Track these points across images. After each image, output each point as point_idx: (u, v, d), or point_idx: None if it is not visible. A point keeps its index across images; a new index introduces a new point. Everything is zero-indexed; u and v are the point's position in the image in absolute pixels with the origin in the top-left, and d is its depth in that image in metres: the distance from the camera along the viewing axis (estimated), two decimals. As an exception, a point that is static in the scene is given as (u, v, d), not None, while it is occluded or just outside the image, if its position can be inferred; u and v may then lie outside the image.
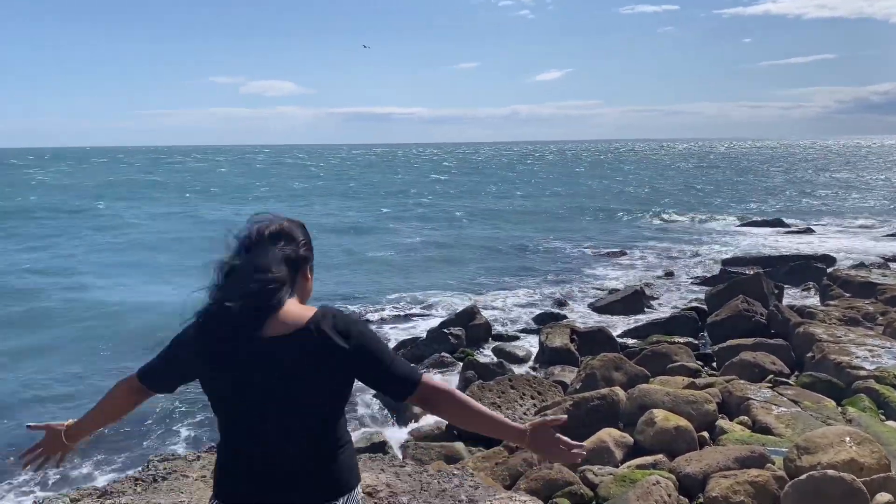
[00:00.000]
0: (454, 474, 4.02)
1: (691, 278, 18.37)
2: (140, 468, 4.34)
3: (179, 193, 47.60)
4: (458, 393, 2.02)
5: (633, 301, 14.72)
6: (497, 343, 12.53)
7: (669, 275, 18.96)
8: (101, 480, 7.53)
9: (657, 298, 15.82)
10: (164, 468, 4.17)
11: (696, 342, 11.54)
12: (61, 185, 57.04)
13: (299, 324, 1.86)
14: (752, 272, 15.24)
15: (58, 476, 7.76)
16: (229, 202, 41.47)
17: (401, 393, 1.97)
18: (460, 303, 15.29)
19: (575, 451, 2.00)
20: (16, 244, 24.84)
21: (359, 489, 2.02)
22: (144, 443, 8.80)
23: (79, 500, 3.95)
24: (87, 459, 8.25)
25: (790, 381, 8.42)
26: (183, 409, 9.67)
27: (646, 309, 14.70)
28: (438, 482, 4.02)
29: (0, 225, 29.64)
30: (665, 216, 33.33)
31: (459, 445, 7.39)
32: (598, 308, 14.92)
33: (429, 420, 8.58)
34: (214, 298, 1.90)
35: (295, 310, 1.91)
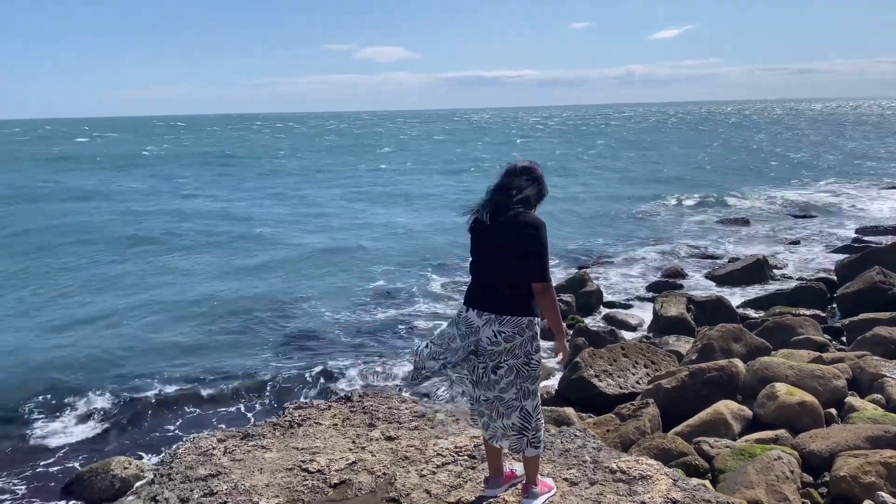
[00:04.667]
0: (576, 435, 4.04)
1: (820, 247, 17.30)
2: (277, 414, 4.70)
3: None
4: (554, 302, 3.31)
5: (755, 270, 14.06)
6: (609, 310, 12.40)
7: (795, 243, 17.94)
8: (244, 424, 8.24)
9: (782, 268, 15.02)
10: (300, 415, 4.49)
11: (824, 315, 10.92)
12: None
13: (519, 219, 3.29)
14: (889, 241, 14.16)
15: (209, 418, 8.61)
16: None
17: (530, 279, 3.27)
18: (570, 270, 15.18)
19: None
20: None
21: (536, 320, 3.35)
22: (281, 392, 9.41)
23: (224, 441, 4.34)
24: (232, 404, 9.04)
25: (931, 360, 7.85)
26: (317, 366, 10.30)
27: (769, 279, 14.02)
28: (562, 442, 4.07)
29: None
30: (795, 182, 31.39)
31: (570, 411, 7.41)
32: (716, 277, 14.37)
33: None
34: (485, 199, 3.39)
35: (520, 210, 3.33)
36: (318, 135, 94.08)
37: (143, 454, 7.71)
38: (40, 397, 9.16)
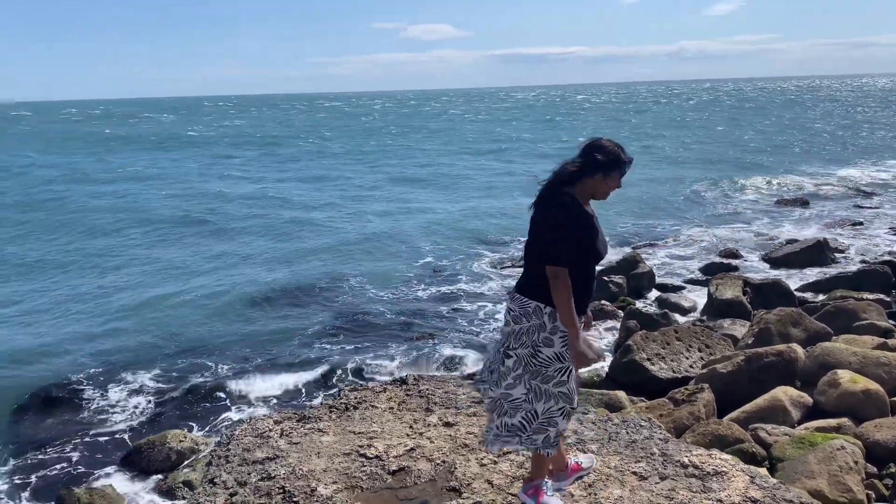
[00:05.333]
0: (642, 425, 3.92)
1: (885, 229, 16.63)
2: (333, 396, 4.72)
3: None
4: (561, 290, 2.93)
5: (815, 253, 13.59)
6: (661, 293, 12.17)
7: (858, 225, 17.29)
8: (295, 403, 8.36)
9: (843, 251, 14.51)
10: (355, 398, 4.50)
11: (889, 300, 10.53)
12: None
13: (548, 200, 3.06)
14: (960, 223, 13.54)
15: (260, 397, 8.80)
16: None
17: (543, 260, 2.97)
18: (622, 250, 14.95)
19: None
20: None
21: (547, 310, 2.99)
22: (329, 374, 9.49)
23: (281, 423, 4.38)
24: (282, 384, 9.17)
25: None
26: (367, 348, 10.40)
27: (830, 262, 13.55)
28: (627, 432, 3.98)
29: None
30: (856, 162, 30.23)
31: (621, 394, 7.31)
32: (773, 259, 13.95)
33: (586, 368, 8.57)
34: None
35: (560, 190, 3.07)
36: (365, 115, 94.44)
37: (197, 429, 7.91)
38: (95, 373, 9.49)
